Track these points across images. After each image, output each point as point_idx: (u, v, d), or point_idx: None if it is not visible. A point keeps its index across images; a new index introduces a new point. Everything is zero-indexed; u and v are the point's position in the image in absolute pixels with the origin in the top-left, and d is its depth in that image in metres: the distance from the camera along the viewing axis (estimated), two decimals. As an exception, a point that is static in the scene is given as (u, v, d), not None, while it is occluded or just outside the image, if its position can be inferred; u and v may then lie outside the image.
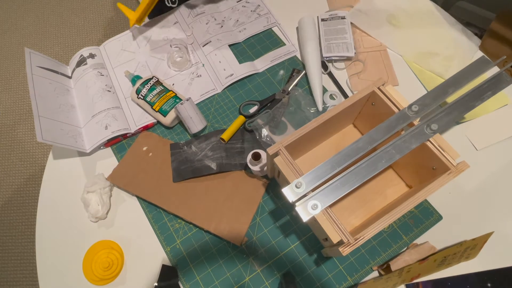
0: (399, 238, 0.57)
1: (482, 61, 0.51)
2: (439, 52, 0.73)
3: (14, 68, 1.68)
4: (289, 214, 0.60)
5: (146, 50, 0.77)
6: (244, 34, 0.78)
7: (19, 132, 1.52)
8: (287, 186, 0.44)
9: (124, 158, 0.65)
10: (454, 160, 0.47)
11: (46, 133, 0.60)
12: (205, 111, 0.70)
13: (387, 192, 0.59)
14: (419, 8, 0.78)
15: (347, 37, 0.73)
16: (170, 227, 0.60)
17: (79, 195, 0.62)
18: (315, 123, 0.50)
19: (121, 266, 0.57)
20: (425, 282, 0.54)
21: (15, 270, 1.28)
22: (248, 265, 0.57)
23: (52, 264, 0.59)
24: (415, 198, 0.45)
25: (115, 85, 0.73)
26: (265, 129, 0.64)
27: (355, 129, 0.64)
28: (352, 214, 0.58)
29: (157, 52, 0.76)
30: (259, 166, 0.57)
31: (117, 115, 0.68)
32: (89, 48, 0.76)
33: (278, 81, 0.72)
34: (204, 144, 0.65)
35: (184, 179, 0.62)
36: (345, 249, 0.43)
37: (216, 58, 0.74)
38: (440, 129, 0.46)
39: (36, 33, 1.76)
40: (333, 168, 0.44)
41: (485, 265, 0.55)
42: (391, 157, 0.45)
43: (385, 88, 0.52)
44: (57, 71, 0.72)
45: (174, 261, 0.58)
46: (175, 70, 0.74)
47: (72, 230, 0.61)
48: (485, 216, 0.58)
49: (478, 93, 0.48)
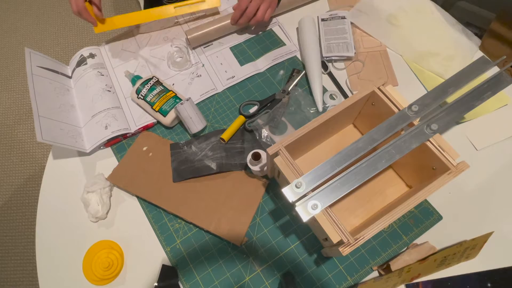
0: (399, 238, 0.57)
1: (482, 61, 0.51)
2: (439, 52, 0.73)
3: (14, 68, 1.68)
4: (289, 214, 0.60)
5: (146, 50, 0.77)
6: (245, 34, 0.77)
7: (19, 132, 1.52)
8: (287, 186, 0.44)
9: (124, 158, 0.65)
10: (454, 160, 0.47)
11: (46, 133, 0.60)
12: (205, 111, 0.70)
13: (387, 192, 0.59)
14: (419, 8, 0.78)
15: (347, 37, 0.73)
16: (170, 227, 0.60)
17: (79, 195, 0.62)
18: (315, 123, 0.50)
19: (121, 266, 0.57)
20: (425, 282, 0.54)
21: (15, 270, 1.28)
22: (248, 265, 0.57)
23: (52, 264, 0.59)
24: (415, 198, 0.45)
25: (115, 85, 0.73)
26: (265, 129, 0.64)
27: (355, 129, 0.64)
28: (352, 214, 0.58)
29: (157, 52, 0.76)
30: (259, 166, 0.57)
31: (117, 115, 0.68)
32: (89, 48, 0.76)
33: (278, 81, 0.72)
34: (204, 144, 0.65)
35: (184, 179, 0.62)
36: (345, 249, 0.43)
37: (218, 60, 0.75)
38: (440, 129, 0.46)
39: (36, 33, 1.76)
40: (333, 168, 0.44)
41: (485, 265, 0.55)
42: (391, 157, 0.45)
43: (385, 88, 0.52)
44: (57, 71, 0.72)
45: (174, 261, 0.58)
46: (175, 70, 0.74)
47: (72, 230, 0.61)
48: (485, 216, 0.58)
49: (478, 93, 0.48)
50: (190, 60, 0.75)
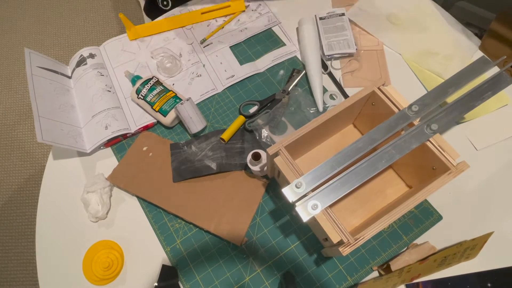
0: (399, 238, 0.57)
1: (482, 61, 0.51)
2: (439, 51, 0.73)
3: (14, 68, 1.67)
4: (289, 214, 0.60)
5: (146, 50, 0.77)
6: (245, 34, 0.78)
7: (19, 132, 1.52)
8: (287, 186, 0.44)
9: (124, 158, 0.65)
10: (454, 160, 0.47)
11: (46, 133, 0.60)
12: (205, 111, 0.70)
13: (387, 192, 0.59)
14: (420, 7, 0.78)
15: (347, 33, 0.73)
16: (170, 227, 0.60)
17: (79, 195, 0.62)
18: (315, 123, 0.50)
19: (121, 266, 0.57)
20: (425, 282, 0.54)
21: (15, 270, 1.28)
22: (248, 265, 0.57)
23: (52, 264, 0.59)
24: (415, 198, 0.45)
25: (115, 85, 0.73)
26: (265, 129, 0.64)
27: (355, 129, 0.64)
28: (352, 214, 0.58)
29: (157, 52, 0.76)
30: (259, 166, 0.57)
31: (117, 115, 0.68)
32: (89, 48, 0.76)
33: (278, 81, 0.72)
34: (204, 144, 0.65)
35: (184, 179, 0.62)
36: (345, 249, 0.43)
37: (217, 60, 0.75)
38: (440, 129, 0.46)
39: (36, 33, 1.76)
40: (333, 168, 0.44)
41: (485, 265, 0.55)
42: (391, 157, 0.45)
43: (385, 88, 0.52)
44: (57, 71, 0.72)
45: (174, 261, 0.58)
46: (165, 76, 0.73)
47: (72, 230, 0.61)
48: (485, 216, 0.58)
49: (478, 93, 0.48)
50: (181, 66, 0.74)
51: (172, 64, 0.73)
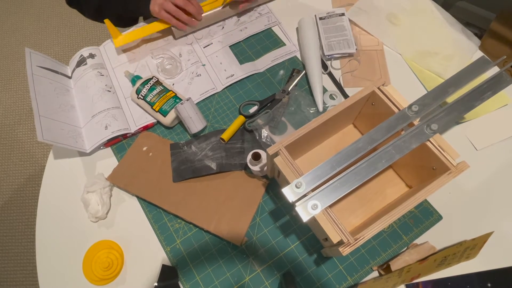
0: (399, 238, 0.57)
1: (482, 61, 0.51)
2: (438, 51, 0.73)
3: (15, 68, 1.68)
4: (289, 214, 0.60)
5: (146, 50, 0.77)
6: (245, 33, 0.78)
7: (19, 132, 1.52)
8: (287, 186, 0.44)
9: (124, 158, 0.65)
10: (454, 160, 0.47)
11: (46, 133, 0.60)
12: (205, 111, 0.70)
13: (387, 192, 0.59)
14: (420, 7, 0.78)
15: (347, 33, 0.73)
16: (170, 227, 0.60)
17: (79, 195, 0.62)
18: (315, 123, 0.50)
19: (121, 266, 0.57)
20: (425, 282, 0.54)
21: (15, 270, 1.28)
22: (248, 265, 0.57)
23: (52, 264, 0.59)
24: (415, 198, 0.45)
25: (115, 85, 0.73)
26: (265, 129, 0.64)
27: (355, 129, 0.64)
28: (352, 214, 0.58)
29: (157, 52, 0.76)
30: (259, 166, 0.57)
31: (117, 115, 0.68)
32: (89, 48, 0.76)
33: (278, 81, 0.72)
34: (204, 144, 0.65)
35: (184, 179, 0.62)
36: (345, 249, 0.43)
37: (217, 60, 0.75)
38: (440, 129, 0.46)
39: (36, 33, 1.76)
40: (333, 168, 0.44)
41: (485, 265, 0.55)
42: (391, 157, 0.45)
43: (385, 88, 0.52)
44: (57, 71, 0.72)
45: (174, 261, 0.58)
46: (165, 78, 0.73)
47: (72, 230, 0.61)
48: (485, 216, 0.58)
49: (478, 93, 0.48)
50: (181, 68, 0.74)
51: (172, 65, 0.73)
